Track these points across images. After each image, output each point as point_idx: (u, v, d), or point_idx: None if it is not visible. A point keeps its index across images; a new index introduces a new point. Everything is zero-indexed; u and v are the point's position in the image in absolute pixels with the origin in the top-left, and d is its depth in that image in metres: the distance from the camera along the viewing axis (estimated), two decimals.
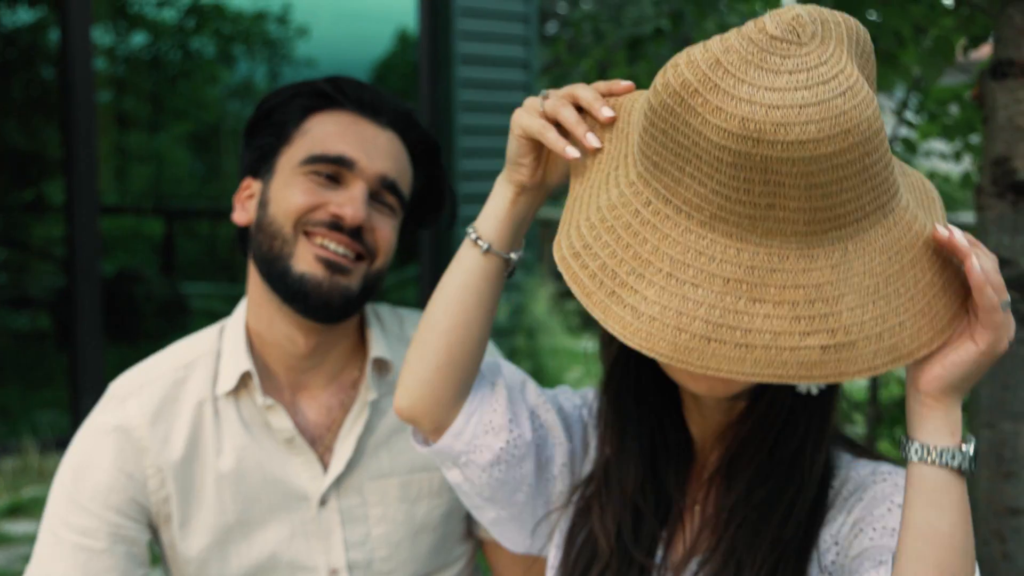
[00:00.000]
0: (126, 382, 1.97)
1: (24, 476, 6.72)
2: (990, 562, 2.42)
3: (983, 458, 2.40)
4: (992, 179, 2.35)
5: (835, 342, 1.24)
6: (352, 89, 1.98)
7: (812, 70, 1.20)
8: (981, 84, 2.40)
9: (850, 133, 1.19)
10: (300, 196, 1.90)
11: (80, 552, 1.88)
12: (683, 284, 1.25)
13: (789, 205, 1.22)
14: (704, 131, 1.21)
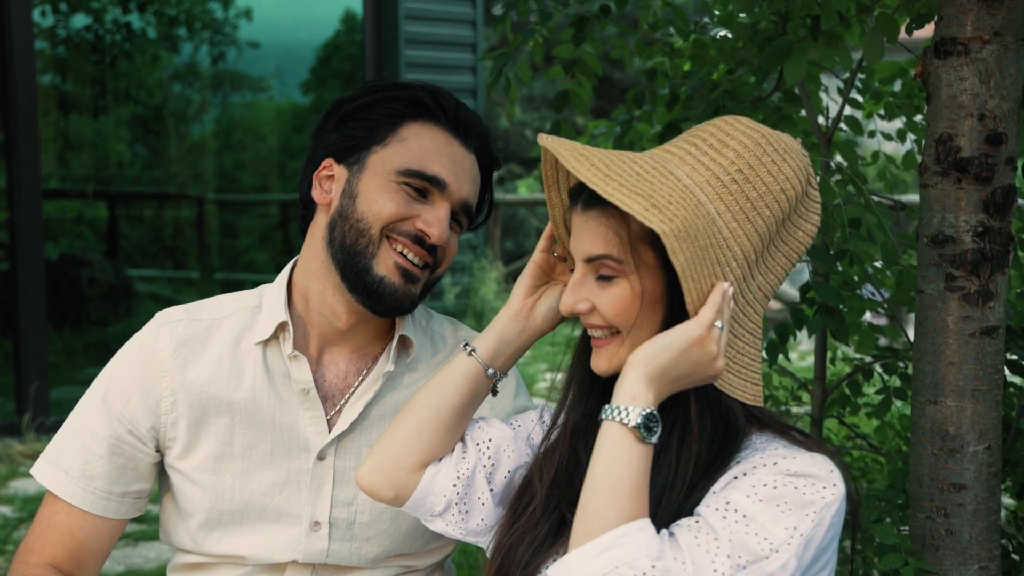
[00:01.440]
0: (169, 313, 2.13)
1: None
2: (935, 537, 2.44)
3: (927, 433, 2.42)
4: (936, 157, 2.36)
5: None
6: (450, 106, 2.07)
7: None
8: (924, 62, 2.41)
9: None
10: (393, 206, 2.01)
11: (84, 451, 2.07)
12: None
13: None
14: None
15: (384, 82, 2.08)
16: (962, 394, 2.38)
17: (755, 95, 3.43)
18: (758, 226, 1.61)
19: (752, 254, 1.62)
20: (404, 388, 2.13)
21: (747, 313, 1.65)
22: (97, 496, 2.06)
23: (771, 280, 1.67)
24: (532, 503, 1.79)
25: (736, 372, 1.65)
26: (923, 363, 2.42)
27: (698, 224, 1.55)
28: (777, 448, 1.64)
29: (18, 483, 6.38)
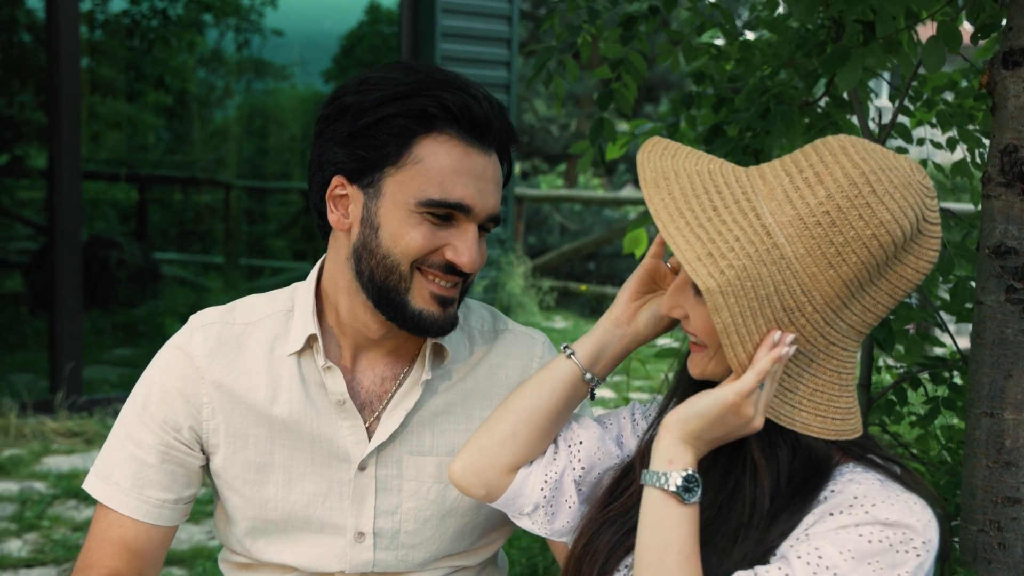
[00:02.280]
0: (203, 316, 2.09)
1: (3, 436, 6.73)
2: (987, 550, 2.45)
3: (982, 445, 2.43)
4: (1000, 168, 2.36)
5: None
6: (463, 109, 1.88)
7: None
8: (991, 72, 2.42)
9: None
10: (419, 240, 1.90)
11: (134, 462, 2.03)
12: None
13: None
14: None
15: (389, 80, 1.91)
16: (1019, 407, 2.38)
17: (803, 99, 3.43)
18: (843, 272, 1.54)
19: (836, 299, 1.55)
20: (442, 393, 2.08)
21: (830, 352, 1.59)
22: (151, 505, 2.04)
23: (869, 318, 1.60)
24: (628, 491, 1.78)
25: (812, 410, 1.61)
26: (980, 375, 2.42)
27: (763, 271, 1.51)
28: (873, 485, 1.60)
29: (51, 460, 6.43)
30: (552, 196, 15.23)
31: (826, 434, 1.61)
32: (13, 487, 5.92)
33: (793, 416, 1.60)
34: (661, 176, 1.58)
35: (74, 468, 6.25)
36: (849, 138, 1.57)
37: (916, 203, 1.54)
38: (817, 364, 1.59)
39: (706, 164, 1.62)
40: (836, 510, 1.57)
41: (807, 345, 1.57)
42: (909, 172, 1.55)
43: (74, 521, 5.49)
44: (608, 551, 1.74)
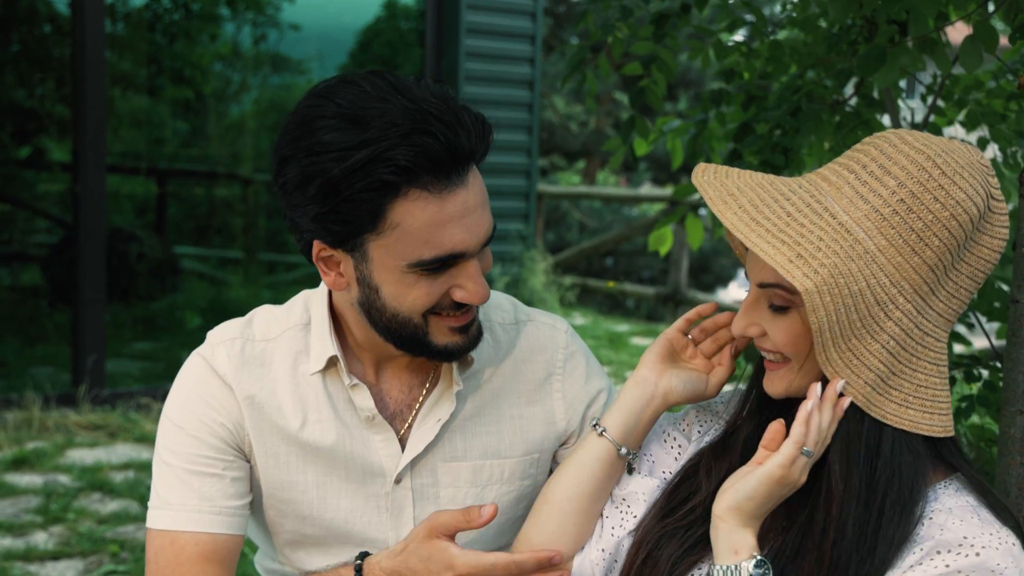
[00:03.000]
0: (223, 331, 2.03)
1: (27, 429, 6.76)
2: None
3: (1017, 444, 2.43)
4: None
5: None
6: (422, 159, 1.71)
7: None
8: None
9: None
10: (424, 297, 1.83)
11: (192, 478, 1.96)
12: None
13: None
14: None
15: (339, 143, 1.72)
16: None
17: (834, 99, 3.44)
18: (927, 258, 1.53)
19: (924, 286, 1.54)
20: (471, 397, 2.04)
21: (926, 344, 1.57)
22: (223, 515, 1.97)
23: (955, 304, 1.59)
24: (690, 501, 1.76)
25: (919, 407, 1.58)
26: (1015, 373, 2.42)
27: (852, 267, 1.50)
28: (973, 522, 1.58)
29: (75, 453, 6.46)
30: (572, 193, 15.25)
31: (935, 431, 1.59)
32: (38, 480, 5.96)
33: (902, 415, 1.57)
34: (726, 193, 1.58)
35: (98, 461, 6.28)
36: (898, 131, 1.58)
37: (983, 181, 1.55)
38: (918, 359, 1.58)
39: (761, 178, 1.62)
40: (944, 549, 1.55)
41: (907, 340, 1.55)
42: (968, 153, 1.56)
43: (99, 514, 5.52)
44: (671, 565, 1.72)
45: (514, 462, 2.05)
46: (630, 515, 1.84)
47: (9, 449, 6.36)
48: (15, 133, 9.75)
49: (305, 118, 1.77)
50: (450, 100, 1.76)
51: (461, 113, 1.75)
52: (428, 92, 1.75)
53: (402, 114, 1.70)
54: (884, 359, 1.55)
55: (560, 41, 20.09)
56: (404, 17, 11.04)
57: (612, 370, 9.13)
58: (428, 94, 1.74)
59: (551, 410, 2.07)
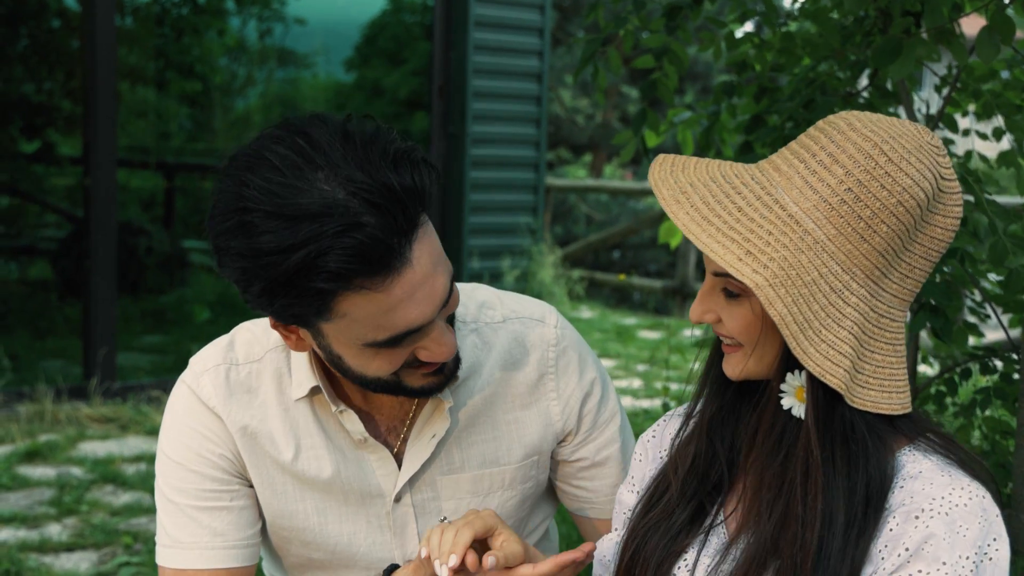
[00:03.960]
0: (205, 359, 1.95)
1: (39, 422, 6.79)
2: None
3: None
4: None
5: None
6: (356, 261, 1.59)
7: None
8: None
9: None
10: (387, 365, 1.75)
11: (200, 514, 1.91)
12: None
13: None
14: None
15: (270, 246, 1.58)
16: None
17: (847, 90, 3.44)
18: (876, 244, 1.55)
19: (876, 271, 1.57)
20: (463, 408, 1.97)
21: (882, 325, 1.60)
22: (236, 549, 1.93)
23: (909, 284, 1.62)
24: (667, 494, 1.79)
25: (878, 387, 1.60)
26: None
27: (802, 259, 1.53)
28: (934, 480, 1.60)
29: (87, 445, 6.48)
30: (579, 186, 15.25)
31: (894, 409, 1.61)
32: (51, 472, 5.98)
33: (864, 397, 1.59)
34: (679, 192, 1.60)
35: (110, 454, 6.30)
36: (852, 113, 1.59)
37: (931, 164, 1.56)
38: (875, 340, 1.60)
39: (717, 169, 1.64)
40: (915, 514, 1.57)
41: (865, 324, 1.57)
42: (918, 135, 1.57)
43: (112, 506, 5.53)
44: (659, 558, 1.75)
45: (514, 468, 2.02)
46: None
47: (22, 442, 6.39)
48: (24, 128, 9.76)
49: (234, 209, 1.62)
50: (377, 166, 1.60)
51: (391, 180, 1.59)
52: (352, 162, 1.60)
53: (327, 208, 1.57)
54: (852, 345, 1.56)
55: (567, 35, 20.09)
56: (410, 11, 11.04)
57: (620, 363, 9.14)
58: (352, 166, 1.60)
59: (547, 411, 2.02)
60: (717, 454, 1.77)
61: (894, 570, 1.57)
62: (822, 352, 1.54)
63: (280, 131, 1.66)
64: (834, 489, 1.59)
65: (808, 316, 1.53)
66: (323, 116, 1.69)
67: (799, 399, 1.65)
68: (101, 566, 4.86)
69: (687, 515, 1.76)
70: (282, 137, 1.64)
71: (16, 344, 8.46)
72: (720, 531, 1.74)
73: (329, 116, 1.69)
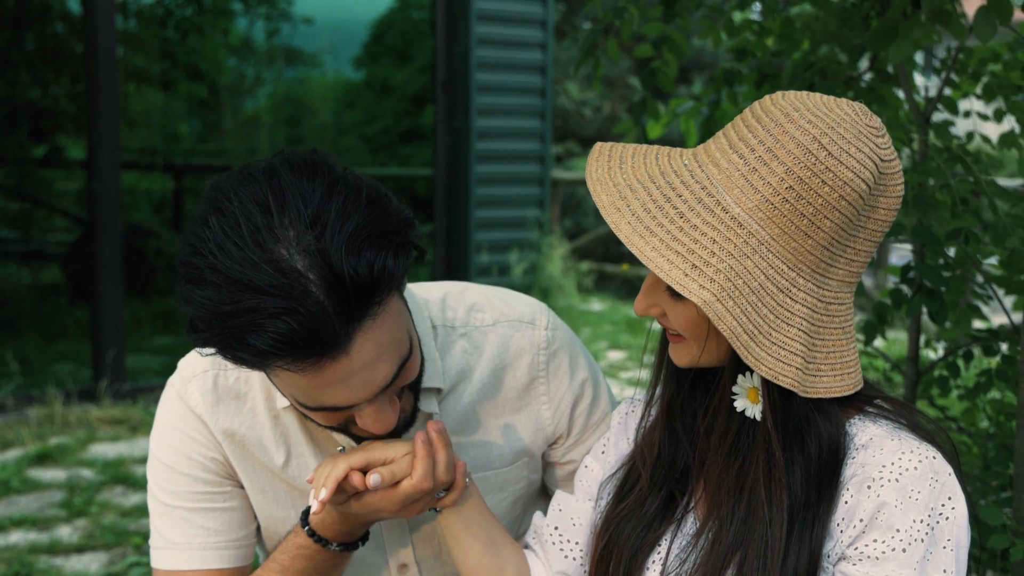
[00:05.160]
0: (192, 366, 1.92)
1: (49, 425, 6.80)
2: None
3: None
4: None
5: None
6: (286, 340, 1.51)
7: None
8: None
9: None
10: (323, 422, 1.72)
11: (194, 515, 1.90)
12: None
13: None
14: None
15: (206, 308, 1.52)
16: None
17: (848, 74, 3.42)
18: (820, 239, 1.53)
19: (821, 263, 1.55)
20: (451, 412, 1.96)
21: (831, 312, 1.59)
22: (230, 548, 1.92)
23: (855, 267, 1.60)
24: (637, 484, 1.79)
25: (830, 371, 1.60)
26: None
27: (748, 264, 1.51)
28: (883, 446, 1.60)
29: (97, 447, 6.49)
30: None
31: (847, 390, 1.61)
32: (61, 474, 5.99)
33: (817, 385, 1.58)
34: (618, 197, 1.55)
35: (120, 455, 6.31)
36: (788, 98, 1.55)
37: (871, 150, 1.53)
38: (824, 328, 1.58)
39: (655, 162, 1.59)
40: (867, 484, 1.57)
41: (814, 315, 1.56)
42: (856, 119, 1.53)
43: (122, 507, 5.54)
44: (633, 548, 1.75)
45: (505, 471, 2.01)
46: (573, 544, 1.89)
47: (32, 445, 6.40)
48: (31, 131, 9.78)
49: (191, 246, 1.56)
50: (339, 246, 1.51)
51: (346, 268, 1.51)
52: (318, 233, 1.52)
53: (273, 283, 1.49)
54: (803, 340, 1.55)
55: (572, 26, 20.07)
56: (417, 7, 11.02)
57: (629, 355, 9.12)
58: (315, 239, 1.51)
59: (538, 415, 2.01)
60: (681, 441, 1.77)
61: (851, 542, 1.58)
62: (773, 355, 1.53)
63: (258, 174, 1.58)
64: (793, 483, 1.60)
65: (757, 322, 1.52)
66: (316, 165, 1.59)
67: (752, 400, 1.63)
68: (111, 567, 4.87)
69: (658, 504, 1.76)
70: (256, 183, 1.56)
71: (26, 348, 8.49)
72: (692, 517, 1.74)
73: (324, 166, 1.59)
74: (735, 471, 1.65)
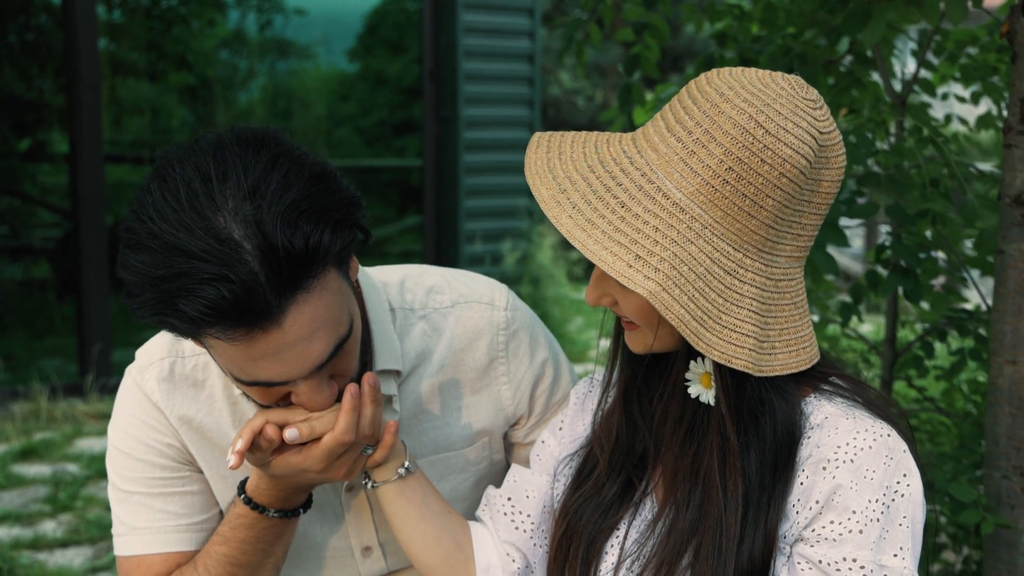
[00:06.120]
0: (149, 353, 1.91)
1: (35, 420, 6.79)
2: (1011, 495, 2.44)
3: (1005, 393, 2.41)
4: (1020, 117, 2.34)
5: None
6: (217, 308, 1.50)
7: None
8: (1011, 21, 2.39)
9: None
10: (259, 399, 1.70)
11: (154, 500, 1.89)
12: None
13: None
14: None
15: (139, 275, 1.53)
16: None
17: (826, 58, 3.41)
18: (764, 218, 1.51)
19: (767, 242, 1.54)
20: (410, 395, 1.94)
21: (781, 288, 1.57)
22: (191, 531, 1.90)
23: (802, 242, 1.58)
24: (595, 469, 1.77)
25: (784, 348, 1.58)
26: (1002, 323, 2.41)
27: (692, 249, 1.49)
28: (838, 425, 1.59)
29: (83, 442, 6.48)
30: None
31: (802, 365, 1.59)
32: (46, 470, 5.98)
33: (773, 363, 1.57)
34: (558, 190, 1.53)
35: (106, 449, 6.28)
36: (723, 77, 1.52)
37: (808, 123, 1.50)
38: (775, 305, 1.57)
39: (594, 151, 1.58)
40: (823, 464, 1.56)
41: (763, 294, 1.55)
42: (791, 93, 1.51)
43: (107, 501, 5.52)
44: (591, 534, 1.74)
45: (466, 451, 2.00)
46: (525, 517, 1.86)
47: (17, 440, 6.39)
48: (15, 125, 9.75)
49: (134, 212, 1.57)
50: (275, 217, 1.51)
51: (279, 239, 1.51)
52: (254, 204, 1.52)
53: (207, 249, 1.50)
54: (754, 320, 1.53)
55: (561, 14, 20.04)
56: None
57: None
58: (252, 209, 1.51)
59: (498, 396, 2.00)
60: (638, 426, 1.76)
61: (807, 523, 1.56)
62: (724, 338, 1.51)
63: (205, 145, 1.59)
64: (748, 466, 1.58)
65: (706, 307, 1.50)
66: (264, 139, 1.60)
67: (706, 386, 1.62)
68: (96, 560, 4.86)
69: (616, 489, 1.75)
70: (201, 154, 1.57)
71: (13, 344, 8.47)
72: (649, 503, 1.72)
73: (271, 140, 1.60)
74: (690, 457, 1.64)
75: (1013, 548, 2.45)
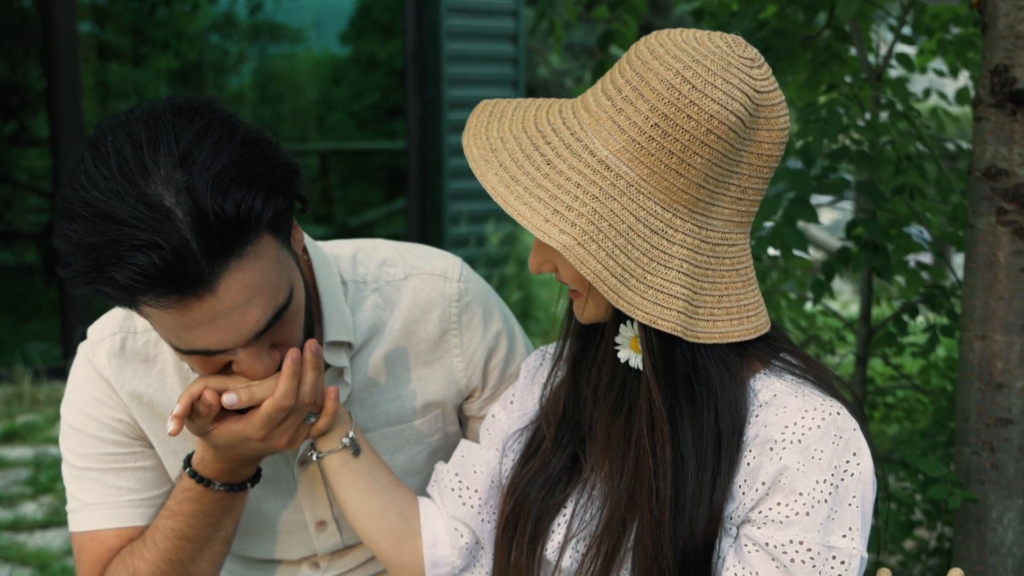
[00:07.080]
0: (102, 328, 1.91)
1: (18, 403, 6.77)
2: (980, 471, 2.44)
3: (975, 368, 2.40)
4: (991, 89, 2.33)
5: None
6: (147, 275, 1.49)
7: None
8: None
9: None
10: (200, 368, 1.70)
11: (106, 475, 1.88)
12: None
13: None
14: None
15: (72, 242, 1.52)
16: (1011, 329, 2.37)
17: (804, 34, 3.39)
18: (694, 176, 1.48)
19: (699, 202, 1.50)
20: (362, 368, 1.94)
21: (719, 253, 1.54)
22: (143, 507, 1.90)
23: (743, 206, 1.55)
24: (543, 445, 1.76)
25: (725, 316, 1.55)
26: (972, 298, 2.41)
27: (615, 206, 1.46)
28: (787, 404, 1.57)
29: None
30: None
31: (747, 334, 1.56)
32: (28, 452, 5.96)
33: (711, 330, 1.54)
34: (488, 150, 1.52)
35: None
36: (659, 37, 1.50)
37: (741, 80, 1.47)
38: (712, 270, 1.54)
39: (533, 114, 1.56)
40: (770, 445, 1.54)
41: (697, 256, 1.51)
42: (726, 51, 1.48)
43: None
44: (538, 512, 1.72)
45: (418, 423, 2.00)
46: (473, 492, 1.84)
47: (0, 423, 6.37)
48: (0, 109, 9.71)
49: (68, 181, 1.56)
50: (206, 183, 1.50)
51: (210, 205, 1.49)
52: (185, 170, 1.51)
53: (138, 215, 1.49)
54: (684, 283, 1.51)
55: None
56: None
57: None
58: (183, 175, 1.50)
59: (450, 367, 1.99)
60: (585, 400, 1.73)
61: (754, 505, 1.55)
62: (649, 299, 1.49)
63: (139, 113, 1.57)
64: (682, 434, 1.56)
65: (628, 265, 1.47)
66: (199, 108, 1.59)
67: (635, 350, 1.60)
68: None
69: (563, 464, 1.73)
70: (134, 122, 1.56)
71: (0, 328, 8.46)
72: (599, 482, 1.69)
73: (206, 108, 1.59)
74: (622, 423, 1.63)
75: (983, 523, 2.45)
